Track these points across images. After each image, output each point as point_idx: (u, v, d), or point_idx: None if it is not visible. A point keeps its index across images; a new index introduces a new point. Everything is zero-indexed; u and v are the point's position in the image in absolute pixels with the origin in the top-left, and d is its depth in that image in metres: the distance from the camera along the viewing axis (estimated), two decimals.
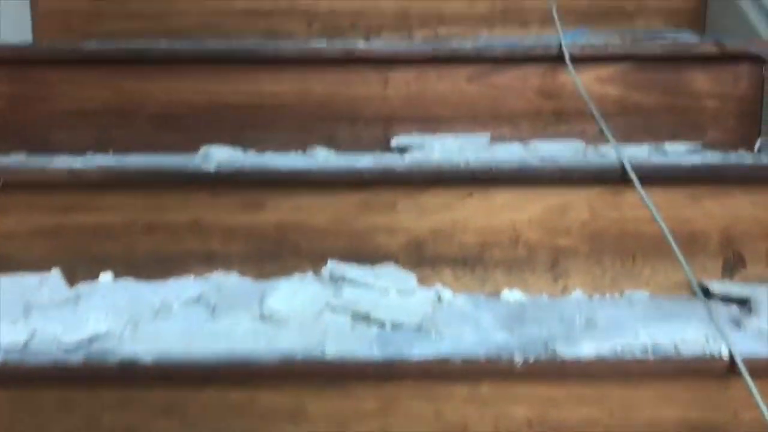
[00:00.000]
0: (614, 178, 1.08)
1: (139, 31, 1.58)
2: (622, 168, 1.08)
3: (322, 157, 1.27)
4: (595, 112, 1.26)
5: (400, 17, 1.61)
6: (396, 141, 1.31)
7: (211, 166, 1.07)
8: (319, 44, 1.36)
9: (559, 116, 1.36)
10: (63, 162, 1.11)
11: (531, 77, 1.35)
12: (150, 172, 1.08)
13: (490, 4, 1.61)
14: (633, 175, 1.07)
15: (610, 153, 1.21)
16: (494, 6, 1.61)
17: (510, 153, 1.24)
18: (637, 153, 1.25)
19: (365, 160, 1.14)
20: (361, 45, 1.34)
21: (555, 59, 1.33)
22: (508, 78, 1.35)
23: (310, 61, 1.33)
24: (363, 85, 1.35)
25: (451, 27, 1.62)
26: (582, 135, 1.35)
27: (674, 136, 1.35)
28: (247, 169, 1.08)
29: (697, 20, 1.62)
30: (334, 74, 1.34)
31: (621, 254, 1.11)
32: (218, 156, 1.23)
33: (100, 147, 1.33)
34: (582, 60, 1.33)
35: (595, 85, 1.35)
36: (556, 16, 1.48)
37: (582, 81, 1.31)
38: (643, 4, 1.61)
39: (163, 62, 1.33)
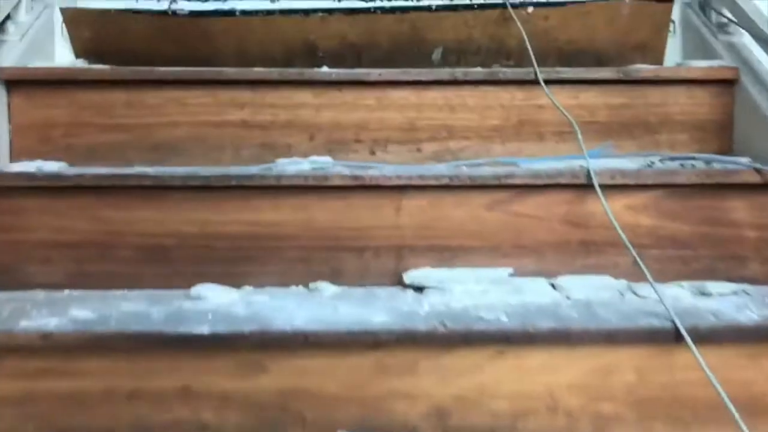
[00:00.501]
0: (665, 338, 0.95)
1: (124, 144, 1.46)
2: (675, 328, 0.95)
3: (328, 295, 1.14)
4: (629, 247, 1.14)
5: (407, 130, 1.50)
6: (410, 277, 1.18)
7: (204, 329, 0.93)
8: (324, 167, 1.25)
9: (587, 247, 1.23)
10: (33, 324, 0.96)
11: (556, 204, 1.23)
12: (133, 335, 0.94)
13: (503, 116, 1.50)
14: (687, 337, 0.94)
15: (651, 297, 1.09)
16: (508, 118, 1.50)
17: (539, 294, 1.11)
18: (679, 295, 1.13)
19: (379, 317, 1.00)
20: (372, 171, 1.22)
21: (583, 186, 1.22)
22: (532, 205, 1.23)
23: (314, 188, 1.21)
24: (372, 212, 1.23)
25: (462, 140, 1.50)
26: (614, 268, 1.22)
27: (712, 270, 1.23)
28: (246, 332, 0.94)
29: (724, 132, 1.52)
30: (340, 200, 1.22)
31: (673, 422, 0.97)
32: (211, 299, 1.10)
33: (78, 282, 1.19)
34: (612, 187, 1.21)
35: (626, 214, 1.23)
36: (578, 130, 1.37)
37: (612, 209, 1.19)
38: (667, 116, 1.51)
39: (151, 189, 1.20)
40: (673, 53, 1.76)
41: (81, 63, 1.65)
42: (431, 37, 1.71)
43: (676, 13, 1.75)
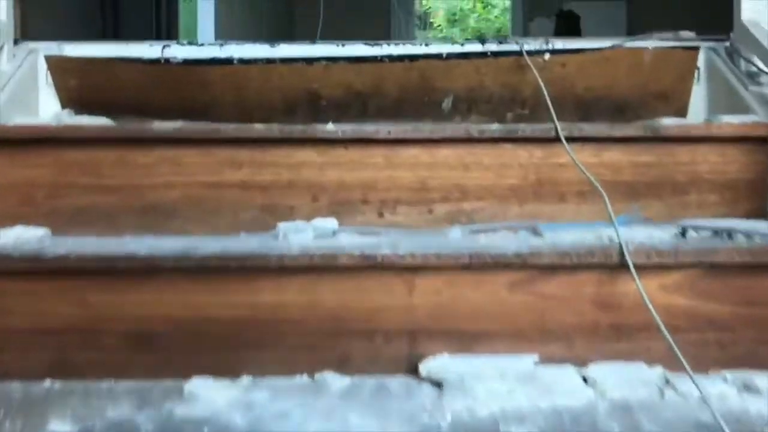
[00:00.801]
0: None
1: (113, 207, 1.35)
2: None
3: (336, 391, 1.03)
4: (666, 335, 1.03)
5: (418, 190, 1.39)
6: (427, 369, 1.08)
7: None
8: (328, 235, 1.14)
9: (618, 331, 1.13)
10: None
11: (585, 285, 1.13)
12: None
13: (521, 175, 1.40)
14: None
15: (693, 394, 0.99)
16: (526, 177, 1.40)
17: (571, 393, 1.00)
18: (725, 392, 1.03)
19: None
20: (384, 250, 1.11)
21: (615, 266, 1.11)
22: (558, 286, 1.13)
23: (320, 268, 1.10)
24: (384, 294, 1.12)
25: (477, 201, 1.40)
26: (647, 353, 1.12)
27: (754, 355, 1.13)
28: None
29: (757, 192, 1.41)
30: (349, 281, 1.11)
31: None
32: (206, 399, 0.99)
33: (60, 373, 1.08)
34: (647, 266, 1.11)
35: (660, 294, 1.13)
36: (605, 195, 1.27)
37: (645, 290, 1.09)
38: (696, 174, 1.41)
39: (141, 271, 1.09)
40: (698, 102, 1.66)
41: (67, 113, 1.54)
42: (441, 85, 1.61)
43: (701, 60, 1.65)
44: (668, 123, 1.44)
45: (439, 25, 7.88)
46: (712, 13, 5.46)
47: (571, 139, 1.38)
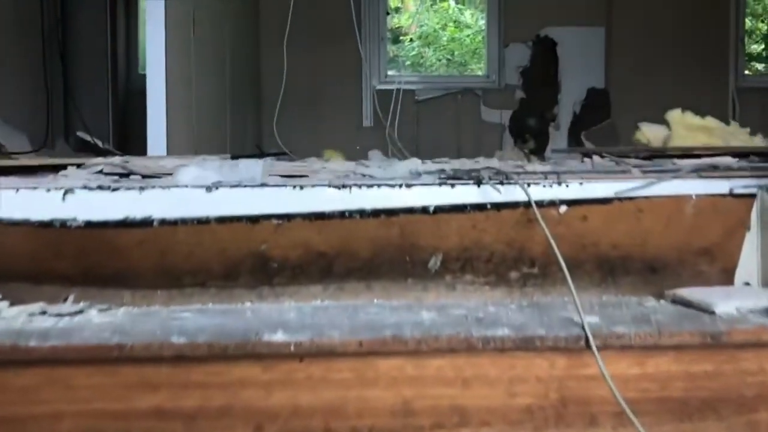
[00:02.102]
0: None
1: None
2: None
3: None
4: None
5: (401, 414, 1.03)
6: None
7: None
8: None
9: None
10: None
11: None
12: None
13: (540, 393, 1.04)
14: None
15: None
16: (546, 395, 1.04)
17: None
18: None
19: None
20: None
21: None
22: None
23: None
24: None
25: (480, 427, 1.04)
26: None
27: None
28: None
29: None
30: None
31: None
32: None
33: None
34: None
35: None
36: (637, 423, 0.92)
37: None
38: (766, 388, 1.06)
39: None
40: (749, 255, 1.32)
41: None
42: (427, 243, 1.25)
43: (755, 205, 1.31)
44: (737, 330, 1.07)
45: (411, 40, 7.57)
46: (694, 32, 5.30)
47: (604, 347, 1.03)
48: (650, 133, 3.18)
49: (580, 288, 1.19)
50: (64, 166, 1.77)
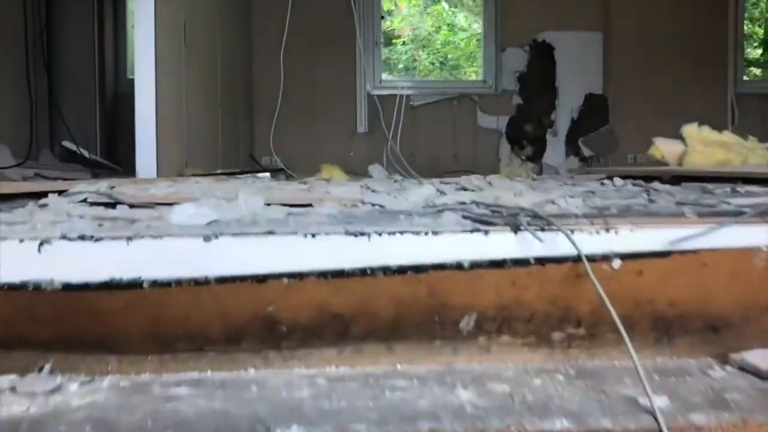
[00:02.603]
0: None
1: None
2: None
3: None
4: None
5: None
6: None
7: None
8: None
9: None
10: None
11: None
12: None
13: None
14: None
15: None
16: None
17: None
18: None
19: None
20: None
21: None
22: None
23: None
24: None
25: None
26: None
27: None
28: None
29: None
30: None
31: None
32: None
33: None
34: None
35: None
36: None
37: None
38: None
39: None
40: None
41: None
42: (459, 302, 1.08)
43: None
44: None
45: (404, 42, 7.40)
46: (692, 38, 5.16)
47: None
48: (665, 149, 3.03)
49: (633, 350, 1.03)
50: (45, 193, 1.61)
